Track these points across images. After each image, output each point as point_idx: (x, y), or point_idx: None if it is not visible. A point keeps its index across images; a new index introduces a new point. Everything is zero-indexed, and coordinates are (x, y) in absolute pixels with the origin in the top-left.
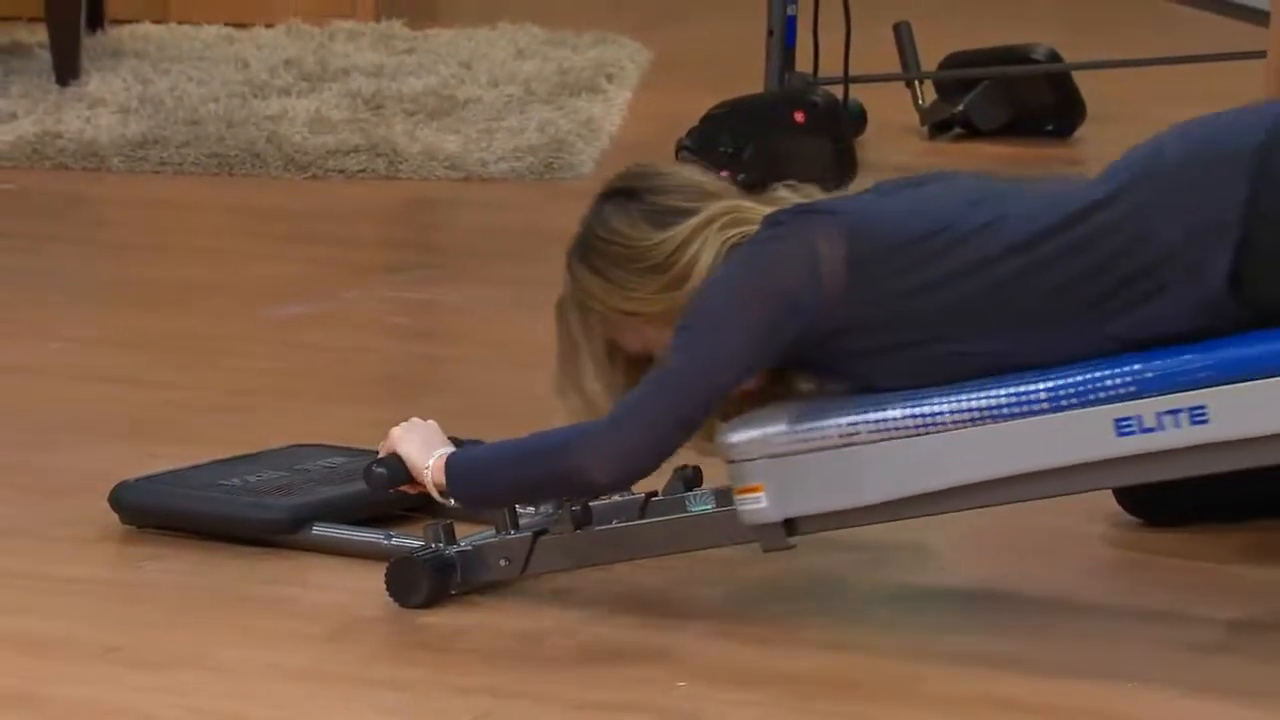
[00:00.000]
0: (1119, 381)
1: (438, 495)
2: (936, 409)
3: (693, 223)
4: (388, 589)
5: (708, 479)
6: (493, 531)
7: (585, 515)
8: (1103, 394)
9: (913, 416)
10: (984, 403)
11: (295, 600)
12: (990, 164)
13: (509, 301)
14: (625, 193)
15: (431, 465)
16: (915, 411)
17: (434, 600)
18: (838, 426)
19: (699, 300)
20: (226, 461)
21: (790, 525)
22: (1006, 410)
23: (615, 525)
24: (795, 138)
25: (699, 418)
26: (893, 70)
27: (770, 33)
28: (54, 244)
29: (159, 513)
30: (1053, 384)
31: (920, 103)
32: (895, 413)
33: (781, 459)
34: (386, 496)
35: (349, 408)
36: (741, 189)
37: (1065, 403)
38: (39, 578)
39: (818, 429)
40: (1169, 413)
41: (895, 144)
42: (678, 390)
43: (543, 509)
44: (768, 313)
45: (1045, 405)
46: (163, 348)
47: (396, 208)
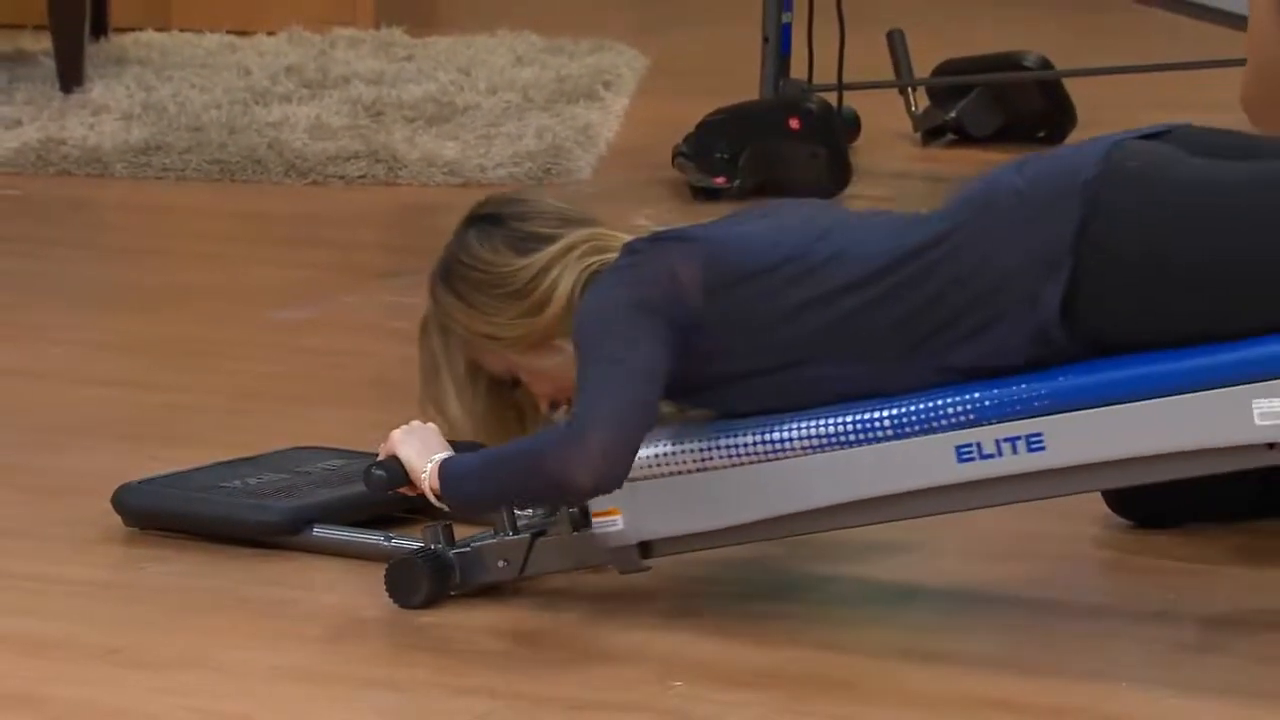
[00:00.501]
0: (959, 410)
1: (434, 499)
2: (786, 435)
3: (553, 250)
4: (387, 590)
5: None
6: (491, 533)
7: (583, 517)
8: (944, 421)
9: (764, 442)
10: (830, 429)
11: (295, 601)
12: (981, 170)
13: None
14: (489, 218)
15: (428, 470)
16: (766, 437)
17: (433, 601)
18: (691, 452)
19: (589, 327)
20: (227, 464)
21: (645, 548)
22: (852, 437)
23: None
24: (790, 144)
25: (652, 420)
26: (886, 77)
27: (765, 40)
28: (57, 248)
29: (160, 514)
30: (897, 411)
31: (913, 109)
32: (747, 439)
33: (637, 483)
34: (386, 498)
35: (349, 411)
36: (598, 220)
37: (908, 430)
38: (41, 579)
39: (672, 454)
40: (1007, 440)
41: (888, 150)
42: (625, 397)
43: (540, 510)
44: (655, 326)
45: (889, 432)
46: (164, 351)
47: (396, 213)
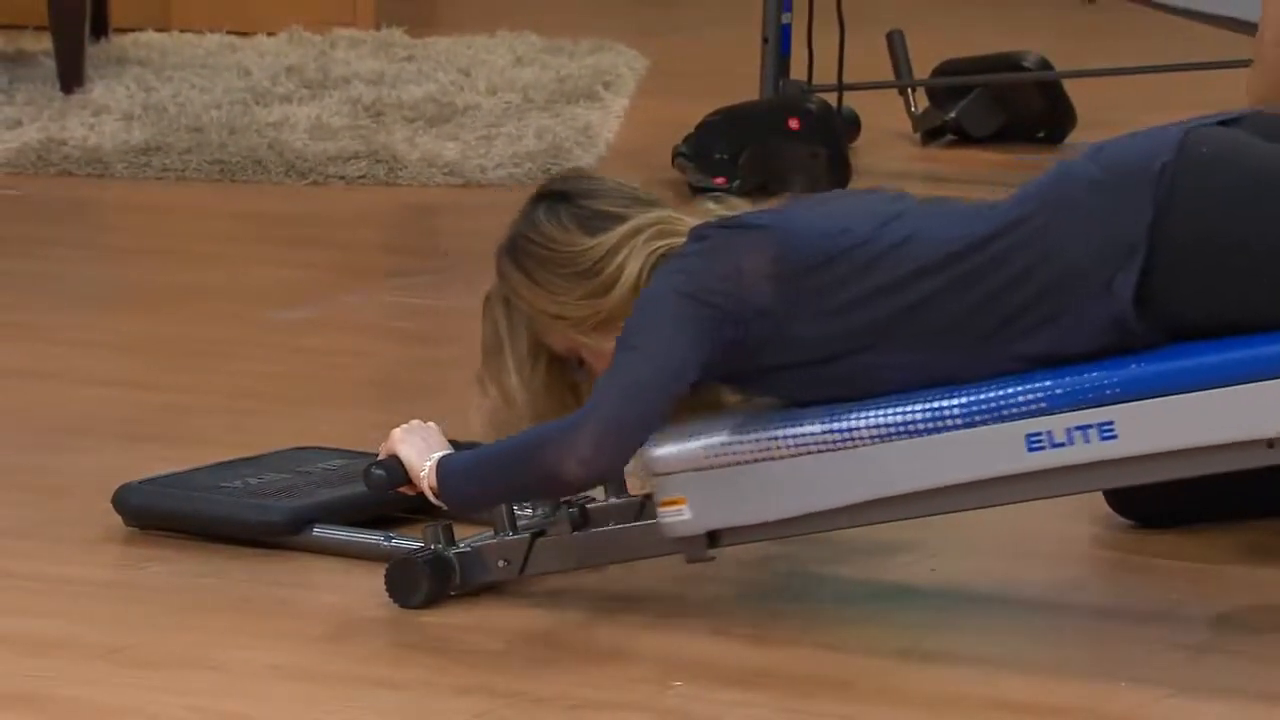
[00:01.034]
0: (1030, 398)
1: (433, 498)
2: (853, 424)
3: (621, 231)
4: (388, 590)
5: None
6: (491, 533)
7: (582, 517)
8: (1014, 410)
9: (830, 431)
10: (899, 418)
11: (296, 601)
12: (982, 170)
13: None
14: (557, 195)
15: (428, 469)
16: (833, 426)
17: (433, 601)
18: (757, 441)
19: (635, 314)
20: (228, 464)
21: (713, 537)
22: (921, 425)
23: (612, 527)
24: (790, 144)
25: (657, 418)
26: (886, 78)
27: (765, 40)
28: (57, 249)
29: (161, 514)
30: (967, 399)
31: (913, 110)
32: (813, 428)
33: (704, 473)
34: (386, 498)
35: (349, 411)
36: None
37: (978, 418)
38: (42, 579)
39: (739, 443)
40: (1079, 428)
41: (888, 150)
42: (632, 391)
43: (540, 510)
44: (702, 320)
45: (959, 420)
46: (165, 351)
47: (396, 213)
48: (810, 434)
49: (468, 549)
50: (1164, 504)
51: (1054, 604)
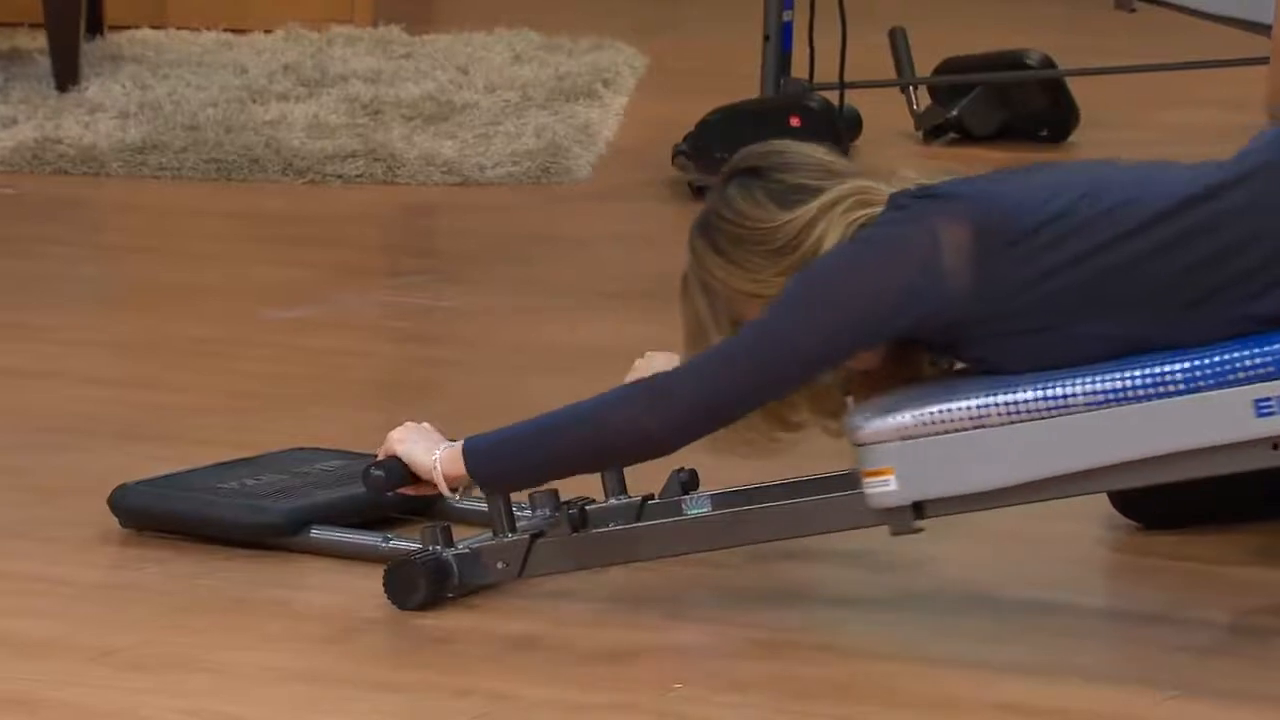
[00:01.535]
0: (1259, 361)
1: (446, 488)
2: (1069, 390)
3: (818, 203)
4: (386, 591)
5: (705, 481)
6: (490, 534)
7: (582, 518)
8: (1242, 374)
9: (1045, 399)
10: (1117, 384)
11: (294, 603)
12: (983, 169)
13: (506, 306)
14: (750, 171)
15: (440, 457)
16: (1047, 393)
17: (432, 602)
18: (968, 409)
19: (806, 272)
20: (225, 465)
21: (919, 508)
22: (1141, 391)
23: (612, 528)
24: None
25: (758, 403)
26: (888, 76)
27: (766, 38)
28: (53, 247)
29: (158, 516)
30: (1189, 364)
31: (915, 108)
32: (1027, 394)
33: (911, 442)
34: (385, 499)
35: (347, 411)
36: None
37: (1202, 383)
38: (37, 580)
39: (947, 411)
40: None
41: (890, 149)
42: (754, 359)
43: (539, 512)
44: (878, 288)
45: (1181, 386)
46: (162, 351)
47: (394, 212)
48: (1023, 401)
49: (466, 550)
50: (1168, 505)
51: (1056, 605)
